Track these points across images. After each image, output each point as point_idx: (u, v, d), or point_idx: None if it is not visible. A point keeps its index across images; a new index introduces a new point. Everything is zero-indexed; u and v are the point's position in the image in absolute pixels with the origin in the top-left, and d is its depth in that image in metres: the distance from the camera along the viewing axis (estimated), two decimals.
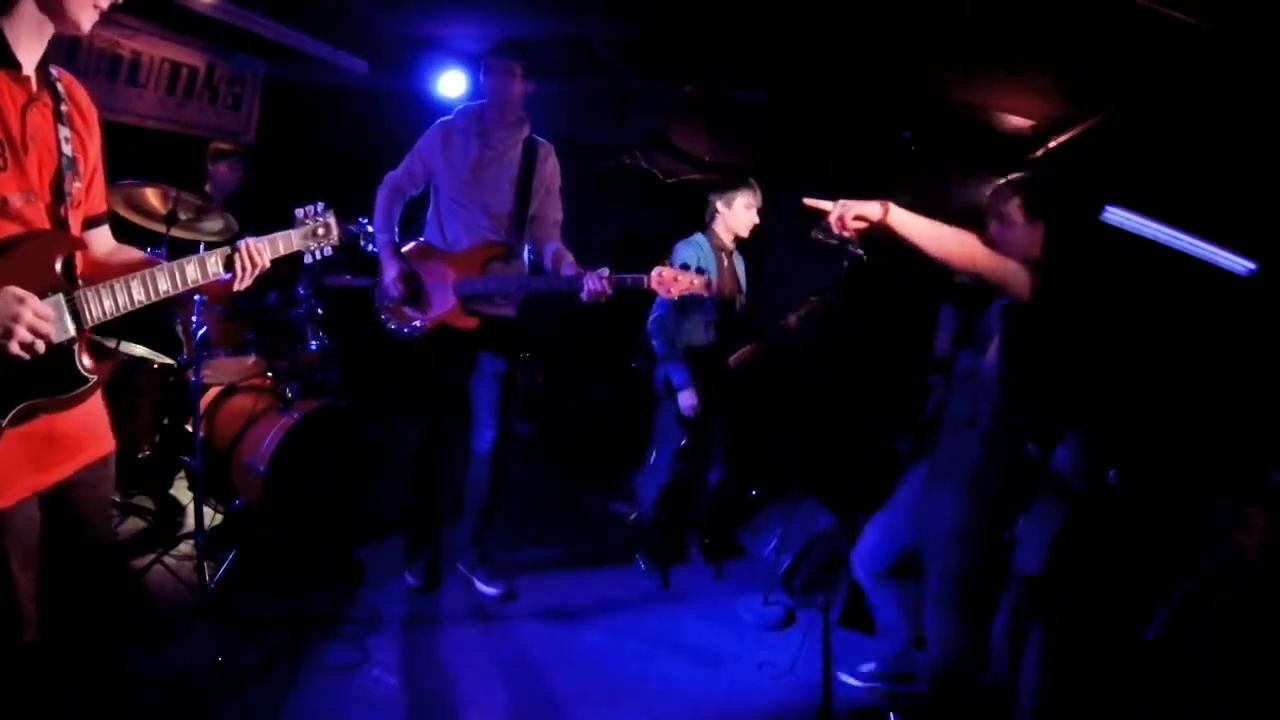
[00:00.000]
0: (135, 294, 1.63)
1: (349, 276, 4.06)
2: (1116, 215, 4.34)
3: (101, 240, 1.82)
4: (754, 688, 3.11)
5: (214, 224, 3.38)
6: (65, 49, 3.60)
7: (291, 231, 1.98)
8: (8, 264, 1.48)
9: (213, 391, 3.59)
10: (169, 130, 4.32)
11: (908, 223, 2.34)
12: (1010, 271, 2.46)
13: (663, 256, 3.89)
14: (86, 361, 1.62)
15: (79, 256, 1.66)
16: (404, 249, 3.29)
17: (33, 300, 1.45)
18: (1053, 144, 4.28)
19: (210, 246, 1.81)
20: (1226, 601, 2.85)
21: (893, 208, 2.32)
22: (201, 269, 1.74)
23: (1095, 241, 4.25)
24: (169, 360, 3.59)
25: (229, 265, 1.79)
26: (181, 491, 3.70)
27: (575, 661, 3.09)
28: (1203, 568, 3.02)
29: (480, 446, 3.36)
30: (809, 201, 2.45)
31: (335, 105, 4.86)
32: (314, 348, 3.61)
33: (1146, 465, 3.67)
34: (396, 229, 3.30)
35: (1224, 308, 4.08)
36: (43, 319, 1.46)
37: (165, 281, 1.68)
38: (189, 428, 3.30)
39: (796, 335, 4.06)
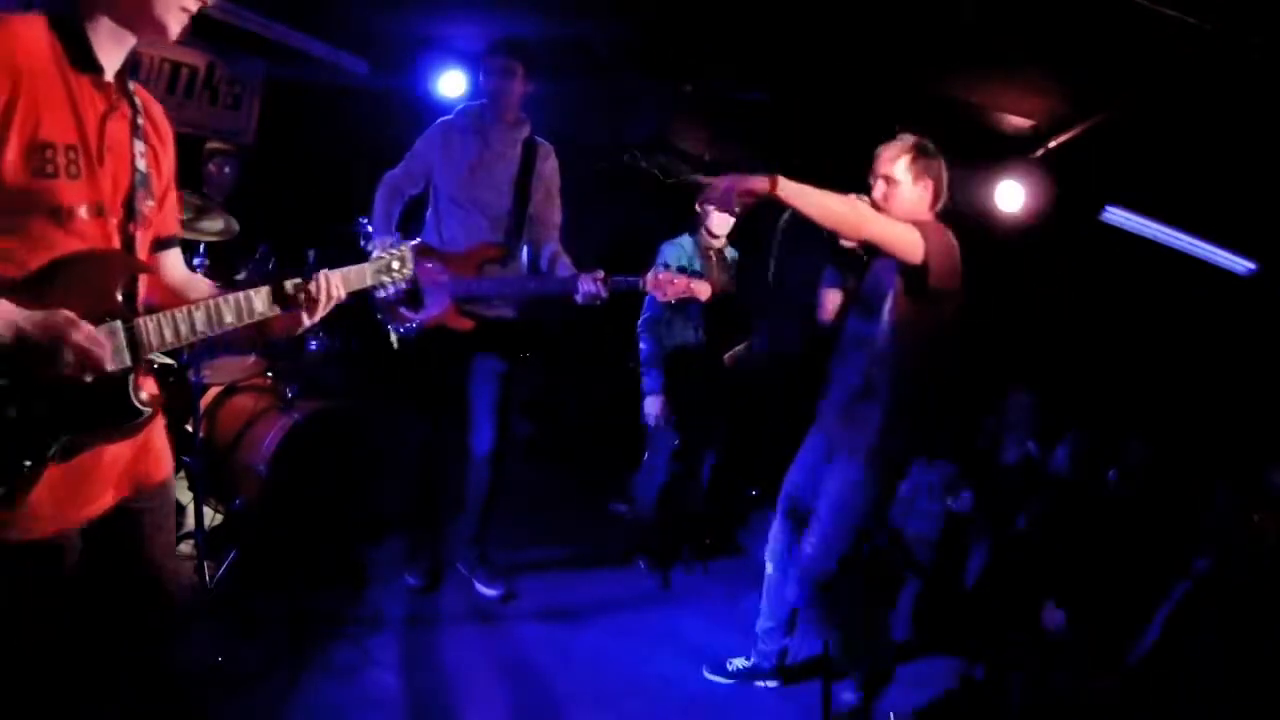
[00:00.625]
0: (198, 325, 1.53)
1: None
2: (1116, 215, 4.35)
3: (172, 264, 1.74)
4: (754, 689, 3.11)
5: (214, 224, 3.38)
6: None
7: (366, 265, 1.85)
8: (65, 284, 1.39)
9: (213, 391, 3.59)
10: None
11: (795, 194, 2.29)
12: (899, 235, 2.41)
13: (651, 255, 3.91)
14: (144, 394, 1.52)
15: (144, 280, 1.57)
16: None
17: (85, 325, 1.34)
18: (1053, 144, 4.28)
19: (210, 247, 1.76)
20: (1225, 602, 2.85)
21: (781, 180, 2.27)
22: (269, 302, 1.63)
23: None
24: (169, 360, 3.59)
25: (294, 300, 1.67)
26: (181, 491, 3.69)
27: (574, 662, 3.09)
28: (1198, 569, 3.02)
29: (479, 448, 3.35)
30: (699, 179, 2.46)
31: (335, 105, 4.86)
32: (314, 348, 3.61)
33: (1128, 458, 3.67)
34: (395, 228, 3.28)
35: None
36: (95, 345, 1.35)
37: (230, 314, 1.58)
38: (189, 428, 3.30)
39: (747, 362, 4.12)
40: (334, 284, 1.73)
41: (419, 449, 3.40)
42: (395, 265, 1.90)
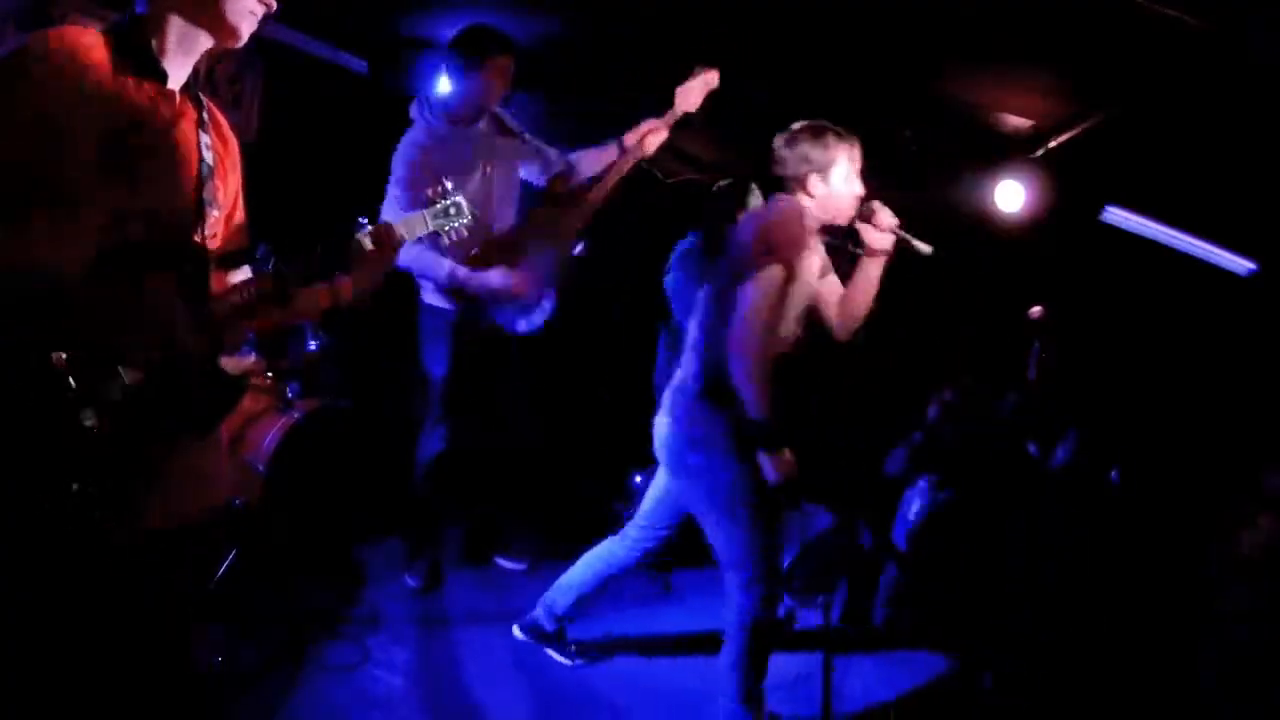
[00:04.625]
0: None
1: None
2: (1116, 215, 4.35)
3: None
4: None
5: None
6: None
7: (425, 211, 1.85)
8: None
9: None
10: None
11: None
12: None
13: (663, 256, 3.90)
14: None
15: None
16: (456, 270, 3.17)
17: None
18: (1053, 144, 4.28)
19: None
20: (1226, 604, 2.85)
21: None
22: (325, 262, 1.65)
23: None
24: None
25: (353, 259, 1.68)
26: None
27: (574, 662, 3.09)
28: (1202, 570, 3.02)
29: (527, 443, 3.39)
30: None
31: (335, 105, 4.85)
32: (314, 347, 3.61)
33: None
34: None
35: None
36: None
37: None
38: None
39: None
40: (395, 231, 1.73)
41: (434, 456, 3.36)
42: (452, 210, 1.88)
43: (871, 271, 2.63)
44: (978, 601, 3.51)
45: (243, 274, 1.71)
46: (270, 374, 3.61)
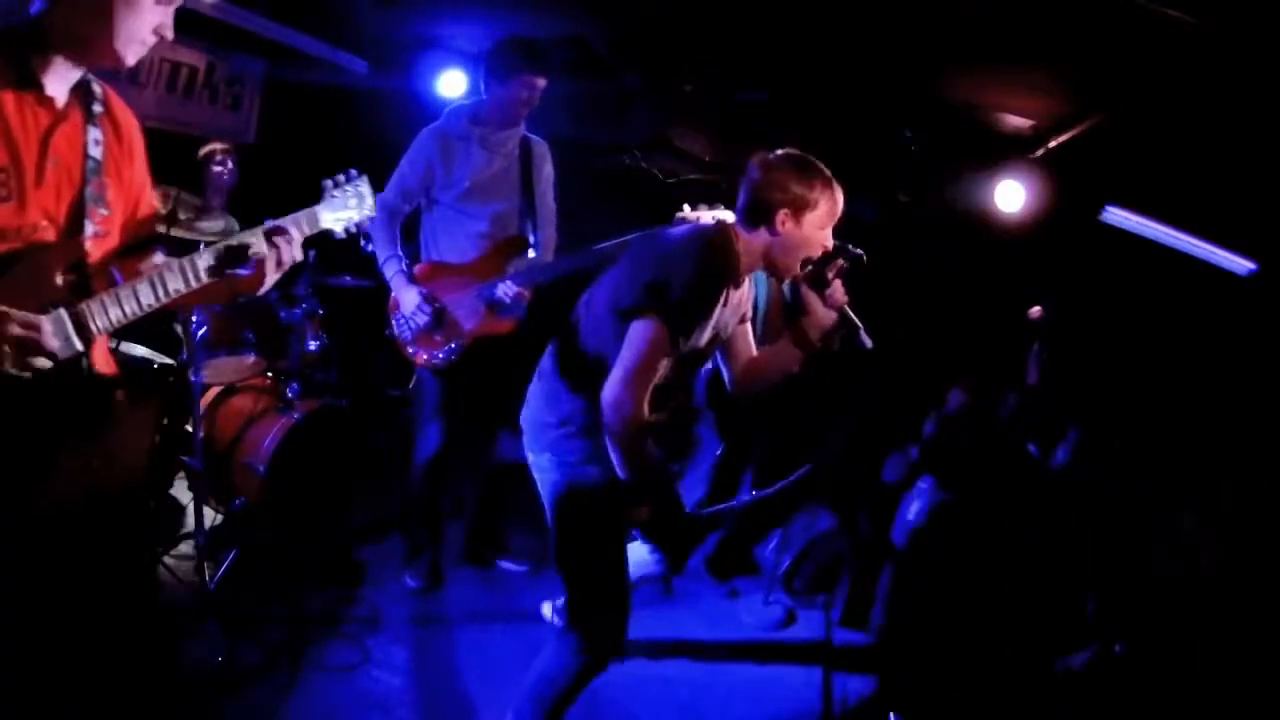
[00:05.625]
0: (144, 298, 1.50)
1: (349, 277, 4.05)
2: (1116, 215, 4.35)
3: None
4: (754, 688, 3.11)
5: (214, 224, 3.39)
6: None
7: (317, 206, 1.76)
8: (1, 284, 1.39)
9: (213, 391, 3.59)
10: (169, 130, 4.32)
11: None
12: None
13: None
14: (98, 370, 1.53)
15: (105, 270, 1.57)
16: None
17: (16, 314, 1.35)
18: (1053, 144, 4.28)
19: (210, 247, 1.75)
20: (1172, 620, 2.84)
21: None
22: (214, 260, 1.57)
23: None
24: (169, 360, 3.59)
25: (239, 257, 1.60)
26: (181, 491, 3.69)
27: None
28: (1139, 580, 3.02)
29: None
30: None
31: (335, 105, 4.86)
32: (314, 348, 3.60)
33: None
34: (403, 254, 3.19)
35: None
36: (31, 329, 1.36)
37: (177, 280, 1.53)
38: (189, 428, 3.30)
39: None
40: (288, 230, 1.66)
41: (430, 458, 3.34)
42: (352, 201, 1.81)
43: (790, 354, 2.22)
44: (977, 603, 3.50)
45: (157, 258, 1.69)
46: (270, 374, 3.62)
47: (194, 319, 3.06)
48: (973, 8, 3.11)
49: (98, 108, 1.55)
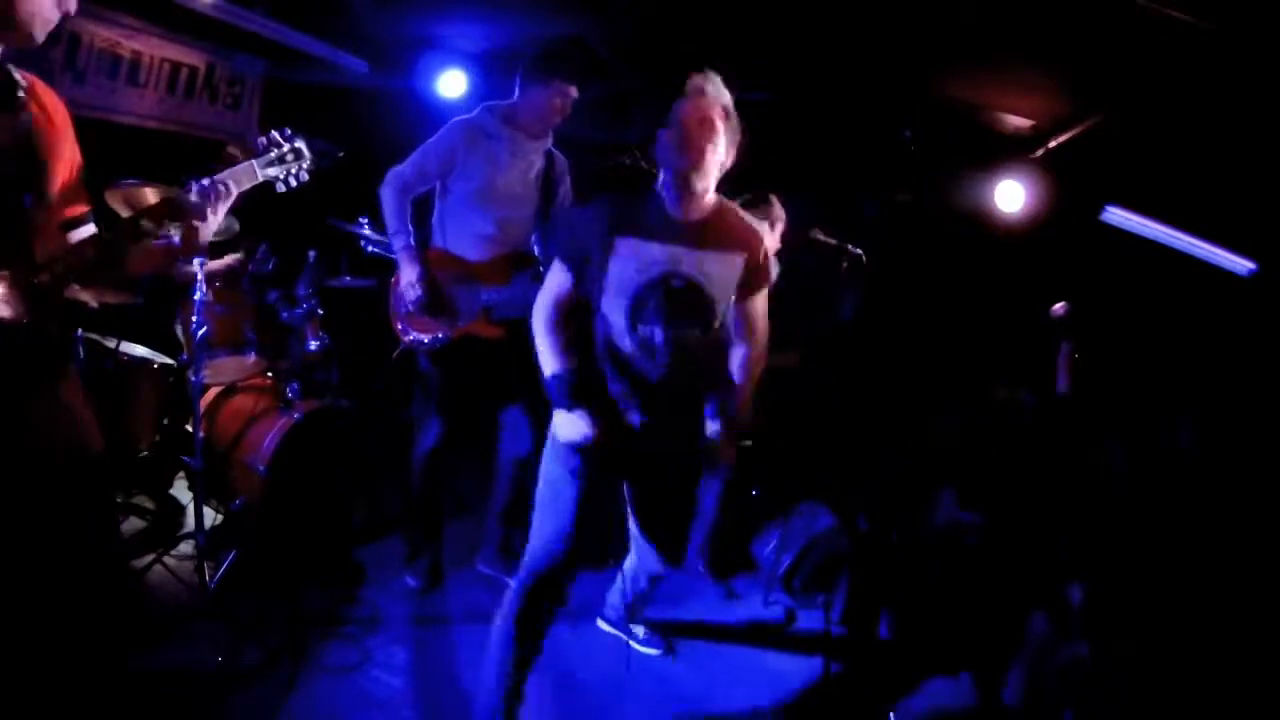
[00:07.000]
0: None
1: (349, 277, 4.05)
2: (1116, 215, 4.35)
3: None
4: (752, 688, 3.11)
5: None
6: (65, 49, 3.59)
7: (253, 161, 1.84)
8: None
9: (213, 391, 3.59)
10: (169, 130, 4.31)
11: None
12: None
13: None
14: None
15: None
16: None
17: None
18: (1053, 144, 4.28)
19: (211, 246, 1.78)
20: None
21: None
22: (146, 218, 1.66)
23: None
24: (169, 360, 3.59)
25: (176, 210, 1.69)
26: (181, 491, 3.69)
27: (574, 662, 3.09)
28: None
29: (516, 450, 3.36)
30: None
31: (335, 105, 4.85)
32: (314, 348, 3.60)
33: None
34: (413, 230, 3.20)
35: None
36: None
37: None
38: (189, 428, 3.30)
39: None
40: (221, 182, 1.74)
41: (427, 452, 3.35)
42: (289, 157, 1.89)
43: None
44: (992, 621, 3.46)
45: (86, 231, 1.76)
46: (270, 374, 3.62)
47: (194, 319, 3.06)
48: (972, 8, 3.11)
49: (20, 94, 1.59)
